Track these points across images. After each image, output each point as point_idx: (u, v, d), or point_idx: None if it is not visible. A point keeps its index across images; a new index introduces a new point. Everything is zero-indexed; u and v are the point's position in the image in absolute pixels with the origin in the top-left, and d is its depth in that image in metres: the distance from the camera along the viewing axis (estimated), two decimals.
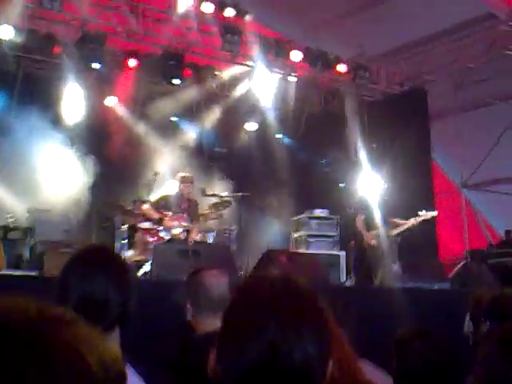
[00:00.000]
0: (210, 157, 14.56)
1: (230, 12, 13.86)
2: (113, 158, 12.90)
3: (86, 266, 2.67)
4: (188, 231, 10.54)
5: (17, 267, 8.67)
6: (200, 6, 13.58)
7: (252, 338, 1.73)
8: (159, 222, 10.56)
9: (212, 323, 3.64)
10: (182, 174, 11.15)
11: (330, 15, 15.66)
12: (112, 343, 2.57)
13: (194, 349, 3.66)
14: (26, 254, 9.42)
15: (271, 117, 15.24)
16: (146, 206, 10.83)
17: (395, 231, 12.36)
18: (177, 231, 10.44)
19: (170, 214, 10.62)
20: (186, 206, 10.88)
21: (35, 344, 1.04)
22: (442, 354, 4.03)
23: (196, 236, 10.56)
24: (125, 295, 2.65)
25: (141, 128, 13.86)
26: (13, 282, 7.16)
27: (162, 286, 7.75)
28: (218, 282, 3.89)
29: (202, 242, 10.56)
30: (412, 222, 12.40)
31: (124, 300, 2.64)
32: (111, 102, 13.80)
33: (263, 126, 15.26)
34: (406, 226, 12.39)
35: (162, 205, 10.76)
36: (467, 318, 4.63)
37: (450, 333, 4.58)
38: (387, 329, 4.66)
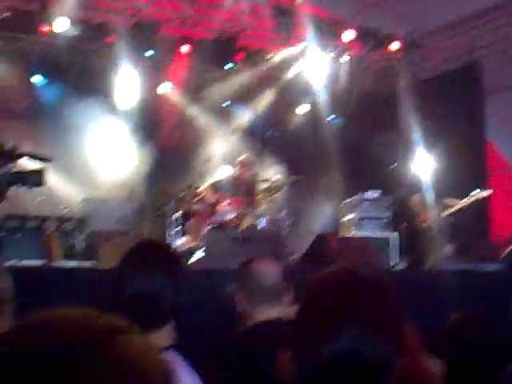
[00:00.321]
0: (263, 141, 14.66)
1: None
2: (167, 145, 13.13)
3: (141, 260, 2.80)
4: (241, 216, 10.69)
5: (71, 258, 8.83)
6: None
7: (331, 333, 1.74)
8: (214, 205, 10.73)
9: (265, 313, 3.69)
10: (243, 157, 11.29)
11: None
12: (165, 338, 2.72)
13: (248, 339, 3.69)
14: (80, 244, 9.59)
15: (323, 98, 15.25)
16: (202, 189, 10.98)
17: (448, 211, 12.33)
18: (230, 216, 10.59)
19: (226, 197, 10.79)
20: (245, 190, 11.02)
21: (93, 362, 1.03)
22: (494, 346, 4.12)
23: (249, 222, 10.71)
24: (178, 290, 2.76)
25: (194, 114, 14.03)
26: (68, 273, 7.39)
27: (214, 275, 7.94)
28: (270, 271, 3.82)
29: (253, 228, 10.68)
30: (465, 201, 12.35)
31: (177, 295, 2.75)
32: (165, 88, 13.98)
33: (315, 107, 15.28)
34: (459, 206, 12.34)
35: (219, 187, 10.91)
36: None
37: (501, 316, 4.65)
38: (439, 313, 4.66)
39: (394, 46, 15.46)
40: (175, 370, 1.16)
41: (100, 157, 12.66)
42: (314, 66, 14.77)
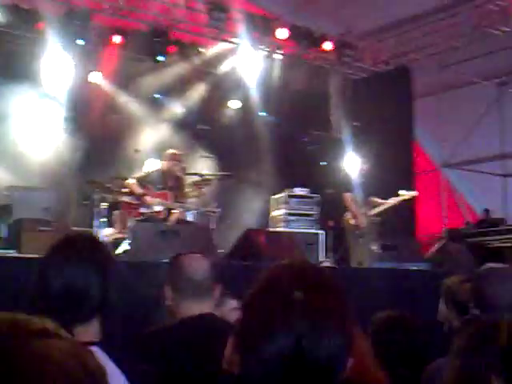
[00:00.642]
0: (193, 134, 14.58)
1: None
2: (95, 134, 12.90)
3: (68, 253, 2.71)
4: (170, 210, 10.61)
5: None
6: None
7: (278, 331, 1.67)
8: (141, 197, 10.60)
9: (193, 308, 3.72)
10: (172, 151, 11.18)
11: None
12: (91, 332, 2.65)
13: (178, 334, 3.70)
14: (4, 232, 9.40)
15: (255, 94, 15.27)
16: (129, 181, 10.86)
17: (375, 211, 12.50)
18: (158, 208, 10.50)
19: (154, 190, 10.68)
20: (173, 184, 10.92)
21: (8, 361, 1.03)
22: (417, 342, 4.17)
23: (177, 215, 10.64)
24: (106, 284, 2.68)
25: (124, 105, 13.85)
26: None
27: (140, 267, 7.85)
28: (199, 266, 3.85)
29: (182, 222, 10.62)
30: (392, 201, 12.53)
31: (105, 289, 2.67)
32: (95, 77, 13.77)
33: (247, 103, 15.26)
34: (385, 206, 12.52)
35: (146, 181, 10.80)
36: (441, 303, 4.73)
37: (426, 316, 4.70)
38: (364, 311, 4.72)
39: (327, 45, 15.56)
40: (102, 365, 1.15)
41: (27, 144, 12.38)
42: (247, 62, 14.76)
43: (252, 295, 1.82)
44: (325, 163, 14.88)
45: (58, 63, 12.89)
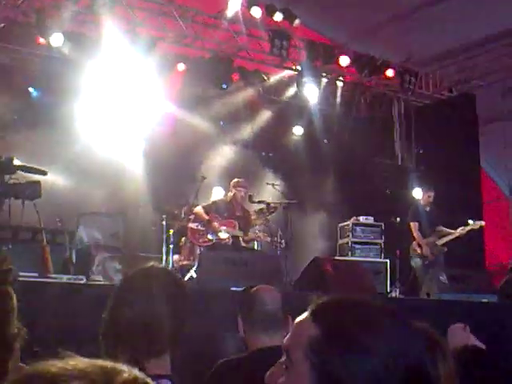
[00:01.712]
0: (258, 161, 14.56)
1: (278, 16, 13.84)
2: (162, 161, 12.93)
3: (143, 287, 2.67)
4: (235, 238, 10.56)
5: (64, 272, 8.70)
6: (249, 10, 13.63)
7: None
8: (208, 223, 10.59)
9: (265, 340, 3.72)
10: (237, 180, 11.17)
11: (377, 19, 15.62)
12: (162, 366, 2.60)
13: (248, 366, 3.67)
14: (73, 258, 9.46)
15: (318, 121, 15.22)
16: (197, 208, 10.87)
17: (442, 241, 12.30)
18: (224, 236, 10.46)
19: (220, 219, 10.66)
20: (241, 214, 10.89)
21: None
22: (494, 373, 3.99)
23: (244, 243, 10.60)
24: (180, 318, 2.66)
25: (190, 132, 13.85)
26: (60, 288, 7.22)
27: (208, 295, 7.79)
28: (271, 299, 3.89)
29: (250, 250, 10.57)
30: (459, 231, 12.34)
31: (179, 323, 2.65)
32: (162, 103, 13.81)
33: (310, 130, 15.20)
34: (453, 236, 12.32)
35: (213, 209, 10.79)
36: None
37: (499, 349, 4.52)
38: None
39: (389, 73, 15.45)
40: None
41: (96, 169, 12.44)
42: (310, 89, 14.71)
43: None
44: (390, 191, 14.70)
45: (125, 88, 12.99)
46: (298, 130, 15.43)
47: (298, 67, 14.80)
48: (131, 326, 2.58)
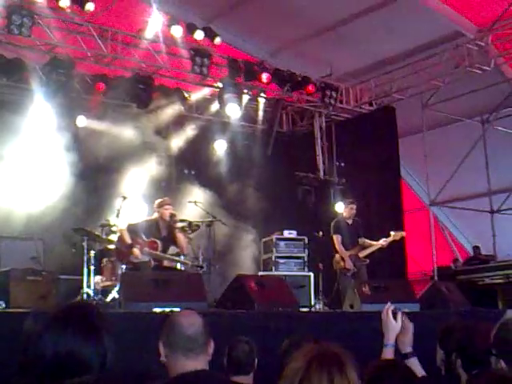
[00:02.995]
0: (179, 180, 14.53)
1: (199, 35, 13.93)
2: (81, 181, 12.78)
3: (59, 327, 2.67)
4: (158, 258, 10.50)
5: None
6: (169, 29, 13.66)
7: None
8: (130, 247, 10.50)
9: (187, 365, 3.66)
10: (161, 200, 11.09)
11: (297, 35, 15.84)
12: None
13: None
14: None
15: (240, 138, 15.32)
16: (122, 230, 10.77)
17: (365, 253, 12.46)
18: (145, 258, 10.39)
19: (145, 240, 10.55)
20: (165, 233, 10.79)
21: None
22: None
23: (168, 264, 10.56)
24: (101, 356, 2.65)
25: (109, 151, 13.73)
26: None
27: (130, 317, 7.76)
28: (193, 322, 3.84)
29: (172, 270, 10.52)
30: (381, 243, 12.51)
31: (100, 361, 2.64)
32: (81, 123, 13.69)
33: (232, 147, 15.29)
34: (375, 248, 12.49)
35: (137, 229, 10.67)
36: (438, 347, 4.65)
37: (421, 358, 4.61)
38: (358, 358, 4.64)
39: (310, 88, 15.63)
40: None
41: (12, 193, 12.25)
42: (231, 106, 14.78)
43: None
44: (312, 205, 14.85)
45: (43, 111, 12.86)
46: (220, 147, 15.47)
47: (220, 84, 14.86)
48: (55, 363, 2.57)
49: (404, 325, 4.39)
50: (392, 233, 12.62)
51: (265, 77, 14.91)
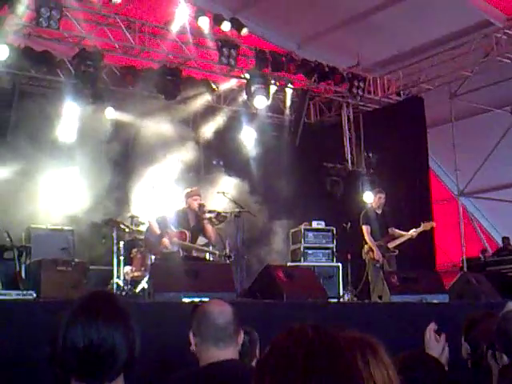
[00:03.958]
0: (208, 170, 14.57)
1: (226, 26, 13.93)
2: (111, 172, 12.85)
3: (89, 316, 2.65)
4: (187, 249, 10.55)
5: (13, 287, 8.65)
6: (196, 20, 13.69)
7: None
8: (159, 238, 10.58)
9: (217, 354, 3.71)
10: (189, 189, 11.17)
11: (324, 26, 15.79)
12: None
13: (200, 381, 3.71)
14: (23, 273, 9.42)
15: (268, 129, 15.31)
16: (150, 220, 10.87)
17: (394, 243, 12.39)
18: (175, 249, 10.45)
19: (174, 230, 10.63)
20: (194, 223, 10.86)
21: None
22: (441, 381, 4.05)
23: (197, 254, 10.61)
24: (130, 342, 2.63)
25: (138, 142, 13.82)
26: (9, 305, 7.19)
27: (160, 307, 7.81)
28: (222, 312, 3.86)
29: (201, 260, 10.57)
30: (411, 233, 12.45)
31: (130, 347, 2.62)
32: (110, 115, 13.74)
33: (260, 138, 15.28)
34: (405, 238, 12.42)
35: (166, 220, 10.76)
36: (463, 340, 4.61)
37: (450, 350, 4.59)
38: (389, 349, 4.62)
39: (338, 78, 15.59)
40: None
41: (43, 184, 12.34)
42: (259, 96, 14.77)
43: (259, 370, 1.77)
44: (340, 195, 14.82)
45: (72, 104, 12.97)
46: (248, 138, 15.46)
47: (247, 75, 14.86)
48: (83, 354, 2.55)
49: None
50: (422, 223, 12.56)
51: (292, 67, 14.92)
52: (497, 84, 15.47)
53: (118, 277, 10.45)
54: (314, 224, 13.57)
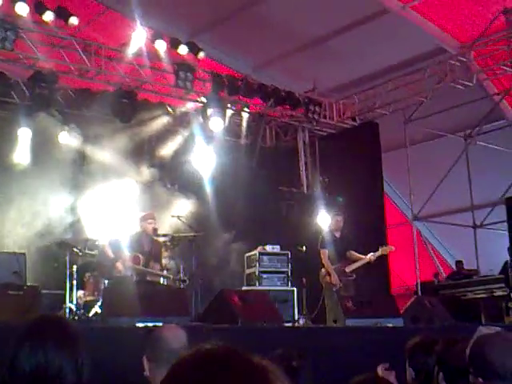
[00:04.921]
0: (163, 193, 14.47)
1: (183, 49, 13.96)
2: (63, 194, 12.68)
3: (37, 339, 2.65)
4: (140, 272, 10.47)
5: None
6: (153, 43, 13.68)
7: None
8: (112, 262, 10.50)
9: None
10: (144, 213, 11.12)
11: (280, 50, 15.91)
12: None
13: None
14: None
15: (224, 152, 15.29)
16: (104, 244, 10.78)
17: (352, 267, 12.37)
18: (128, 273, 10.37)
19: (128, 254, 10.54)
20: (148, 247, 10.79)
21: None
22: None
23: (150, 278, 10.53)
24: (79, 366, 2.64)
25: (93, 165, 13.68)
26: None
27: (113, 332, 7.71)
28: (176, 336, 3.91)
29: (155, 284, 10.49)
30: (369, 257, 12.42)
31: (78, 371, 2.63)
32: (64, 139, 13.61)
33: (217, 160, 15.23)
34: (363, 262, 12.39)
35: (120, 244, 10.67)
36: (407, 365, 4.64)
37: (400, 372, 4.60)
38: (340, 373, 4.62)
39: (293, 102, 15.69)
40: None
41: None
42: (215, 120, 14.79)
43: None
44: (295, 219, 14.86)
45: (25, 127, 12.84)
46: (203, 161, 15.37)
47: (203, 99, 14.87)
48: (29, 378, 2.55)
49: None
50: (380, 247, 12.59)
51: (248, 91, 14.98)
52: (450, 110, 15.69)
53: (71, 301, 10.31)
54: (269, 248, 13.57)
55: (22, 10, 12.19)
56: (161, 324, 5.98)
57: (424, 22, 14.84)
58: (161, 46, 13.77)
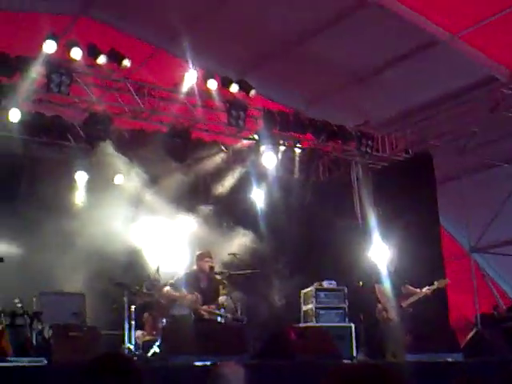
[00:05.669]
0: (218, 231, 14.53)
1: (234, 88, 14.08)
2: (120, 235, 12.82)
3: (100, 376, 2.69)
4: (197, 311, 10.51)
5: (24, 354, 8.59)
6: (205, 83, 13.84)
7: None
8: (171, 299, 10.58)
9: None
10: (201, 252, 11.21)
11: (330, 85, 15.94)
12: None
13: None
14: (34, 339, 9.37)
15: (278, 188, 15.31)
16: (166, 288, 10.85)
17: (408, 301, 12.26)
18: (186, 311, 10.42)
19: (184, 292, 10.62)
20: (205, 285, 10.87)
21: None
22: None
23: (208, 316, 10.56)
24: None
25: (149, 205, 13.81)
26: (20, 372, 7.13)
27: (172, 370, 7.75)
28: (235, 375, 3.95)
29: (213, 322, 10.51)
30: (425, 291, 12.34)
31: None
32: (120, 180, 13.78)
33: (270, 197, 15.27)
34: (419, 296, 12.31)
35: (177, 282, 10.78)
36: None
37: None
38: None
39: (345, 137, 15.69)
40: None
41: (54, 249, 12.33)
42: (268, 156, 14.88)
43: None
44: (352, 254, 14.76)
45: (81, 170, 13.11)
46: (258, 197, 15.45)
47: (256, 136, 14.97)
48: None
49: None
50: (435, 282, 12.48)
51: (300, 127, 15.05)
52: (504, 138, 15.52)
53: (130, 341, 10.38)
54: (326, 284, 13.52)
55: (77, 54, 12.47)
56: (219, 362, 5.99)
57: (473, 51, 14.73)
58: (212, 85, 13.90)
